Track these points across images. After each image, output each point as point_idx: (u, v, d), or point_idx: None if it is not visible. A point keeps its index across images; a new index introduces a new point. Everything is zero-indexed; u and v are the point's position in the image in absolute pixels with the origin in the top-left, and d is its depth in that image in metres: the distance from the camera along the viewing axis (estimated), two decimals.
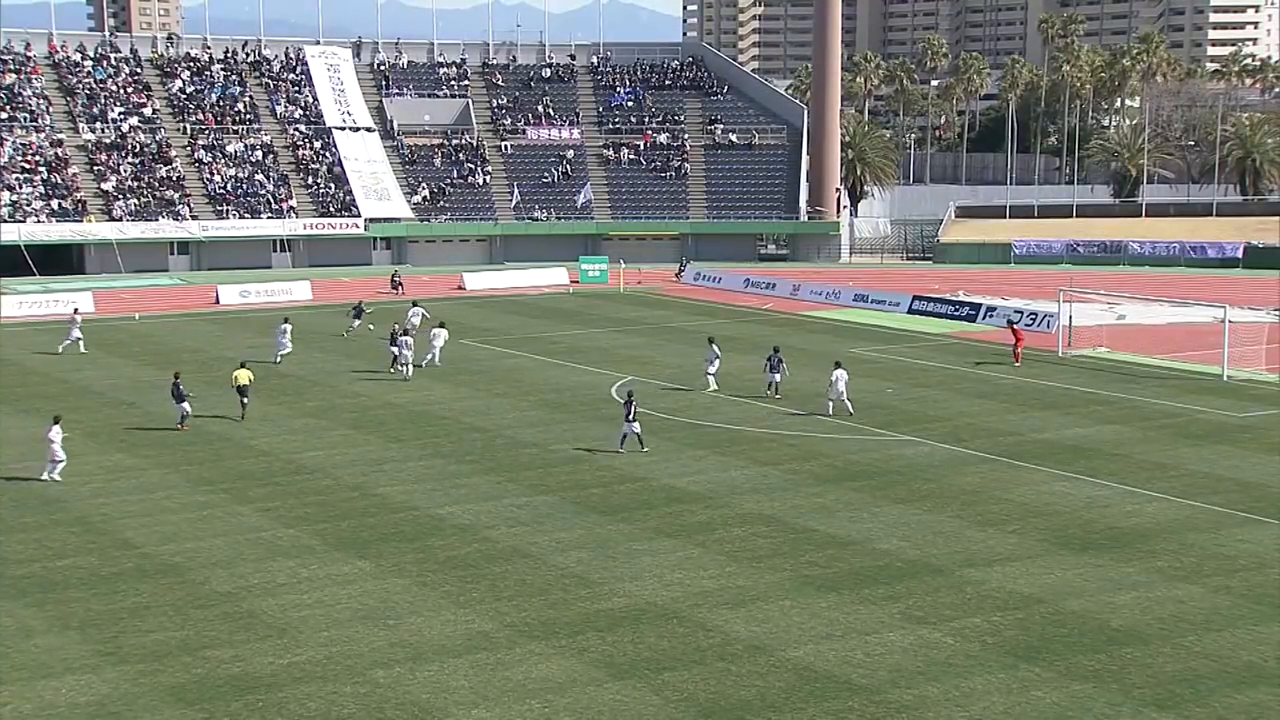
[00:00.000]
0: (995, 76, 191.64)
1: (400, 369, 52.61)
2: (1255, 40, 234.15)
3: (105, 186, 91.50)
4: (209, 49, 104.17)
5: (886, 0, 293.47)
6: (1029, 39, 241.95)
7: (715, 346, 50.56)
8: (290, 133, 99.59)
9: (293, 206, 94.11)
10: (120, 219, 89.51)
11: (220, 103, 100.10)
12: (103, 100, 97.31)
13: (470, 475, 38.05)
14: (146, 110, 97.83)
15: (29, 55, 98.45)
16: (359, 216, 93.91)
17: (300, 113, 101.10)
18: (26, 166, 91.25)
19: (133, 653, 25.32)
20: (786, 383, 48.79)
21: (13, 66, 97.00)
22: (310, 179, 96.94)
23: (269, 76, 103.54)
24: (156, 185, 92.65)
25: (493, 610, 27.44)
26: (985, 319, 67.17)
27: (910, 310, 71.59)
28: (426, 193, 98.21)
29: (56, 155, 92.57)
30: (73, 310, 63.12)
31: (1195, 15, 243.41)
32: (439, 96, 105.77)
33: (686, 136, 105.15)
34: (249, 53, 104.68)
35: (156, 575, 29.59)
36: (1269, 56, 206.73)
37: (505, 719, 22.72)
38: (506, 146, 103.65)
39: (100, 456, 39.45)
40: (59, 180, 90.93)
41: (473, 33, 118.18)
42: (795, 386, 49.09)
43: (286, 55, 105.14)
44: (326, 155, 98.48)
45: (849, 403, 45.37)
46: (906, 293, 74.38)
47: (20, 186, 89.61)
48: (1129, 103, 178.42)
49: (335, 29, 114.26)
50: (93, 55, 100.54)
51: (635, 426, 40.15)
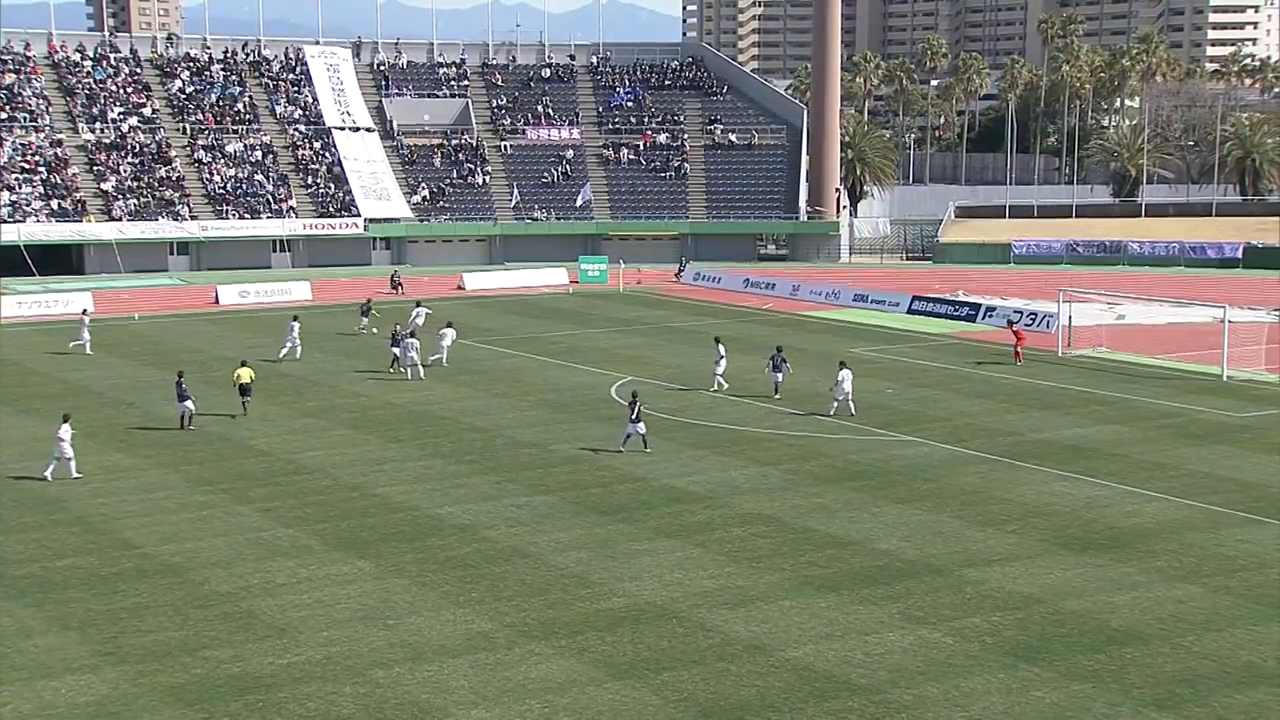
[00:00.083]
0: (995, 77, 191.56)
1: (403, 370, 52.58)
2: (1255, 40, 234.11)
3: (105, 187, 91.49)
4: (208, 49, 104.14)
5: (886, 0, 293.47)
6: (1028, 39, 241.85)
7: (722, 346, 50.59)
8: (290, 133, 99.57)
9: (292, 206, 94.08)
10: (120, 219, 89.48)
11: (220, 103, 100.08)
12: (102, 100, 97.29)
13: (470, 475, 38.06)
14: (146, 110, 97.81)
15: (29, 55, 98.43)
16: (358, 216, 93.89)
17: (300, 113, 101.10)
18: (26, 166, 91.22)
19: (132, 653, 25.33)
20: (786, 382, 48.78)
21: (12, 66, 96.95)
22: (310, 179, 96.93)
23: (268, 76, 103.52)
24: (156, 185, 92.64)
25: (492, 610, 27.45)
26: (985, 319, 67.19)
27: (910, 310, 71.60)
28: (426, 193, 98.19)
29: (56, 155, 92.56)
30: (81, 311, 62.97)
31: (1195, 15, 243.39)
32: (439, 96, 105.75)
33: (686, 136, 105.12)
34: (248, 53, 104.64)
35: (156, 575, 29.61)
36: (1268, 56, 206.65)
37: (505, 719, 22.74)
38: (506, 146, 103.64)
39: (100, 456, 39.44)
40: (58, 180, 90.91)
41: (472, 33, 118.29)
42: (795, 386, 49.07)
43: (286, 55, 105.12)
44: (326, 155, 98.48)
45: (852, 403, 45.40)
46: (906, 293, 74.38)
47: (20, 187, 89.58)
48: (1128, 103, 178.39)
49: (335, 29, 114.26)
50: (92, 55, 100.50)
51: (640, 427, 40.18)
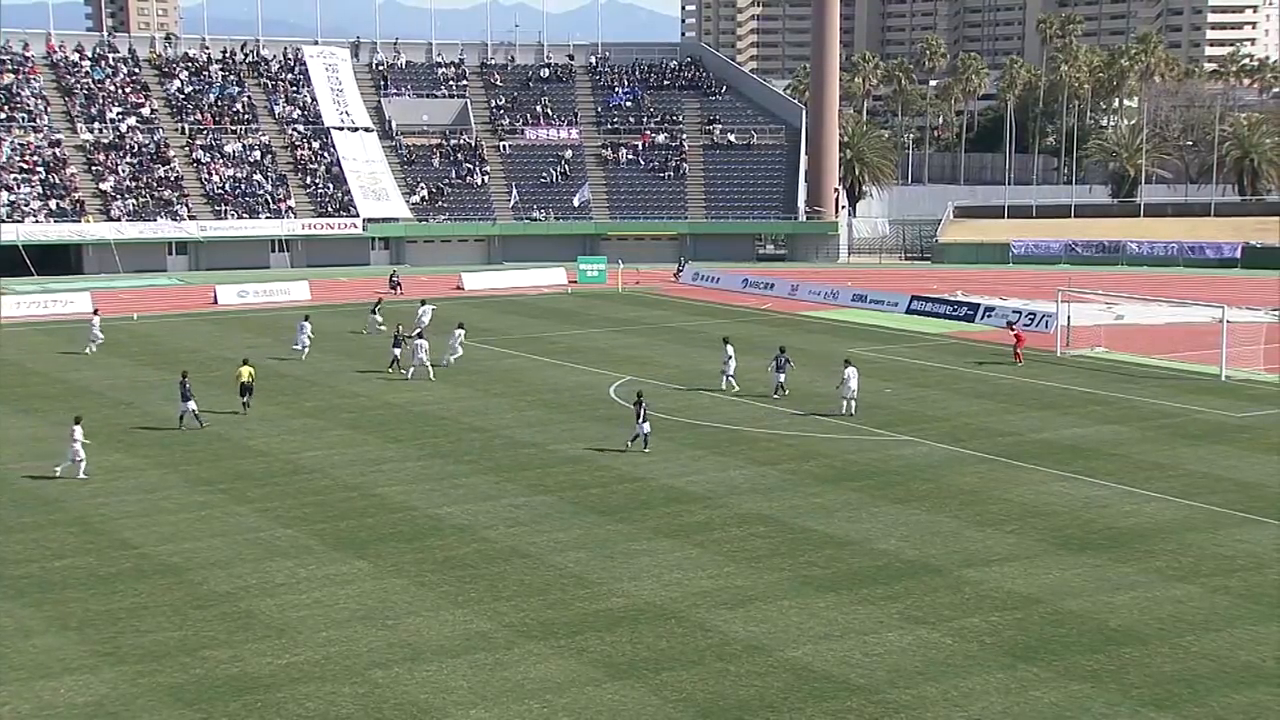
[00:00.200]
0: (993, 77, 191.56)
1: (402, 371, 52.60)
2: (1253, 40, 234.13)
3: (103, 186, 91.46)
4: (207, 49, 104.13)
5: (885, 0, 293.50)
6: (1027, 39, 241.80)
7: (730, 347, 50.57)
8: (288, 133, 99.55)
9: (291, 206, 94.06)
10: (118, 219, 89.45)
11: (218, 103, 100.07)
12: (101, 100, 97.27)
13: (468, 475, 38.06)
14: (145, 110, 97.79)
15: (27, 55, 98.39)
16: (357, 216, 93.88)
17: (298, 113, 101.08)
18: (24, 166, 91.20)
19: (131, 653, 25.32)
20: (785, 383, 48.75)
21: (11, 66, 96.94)
22: (308, 179, 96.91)
23: (267, 76, 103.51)
24: (155, 185, 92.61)
25: (491, 610, 27.45)
26: (983, 319, 67.21)
27: (909, 310, 71.61)
28: (425, 193, 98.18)
29: (54, 155, 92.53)
30: (93, 311, 62.68)
31: (1193, 15, 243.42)
32: (437, 97, 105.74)
33: (685, 136, 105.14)
34: (247, 53, 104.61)
35: (155, 575, 29.60)
36: (1267, 56, 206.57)
37: (503, 719, 22.74)
38: (505, 146, 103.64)
39: (99, 456, 39.38)
40: (57, 180, 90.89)
41: (471, 33, 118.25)
42: (794, 386, 49.03)
43: (285, 55, 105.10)
44: (325, 155, 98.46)
45: (855, 401, 45.36)
46: (905, 293, 74.38)
47: (18, 187, 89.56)
48: (1127, 103, 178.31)
49: (333, 29, 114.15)
50: (91, 55, 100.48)
51: (645, 427, 40.28)
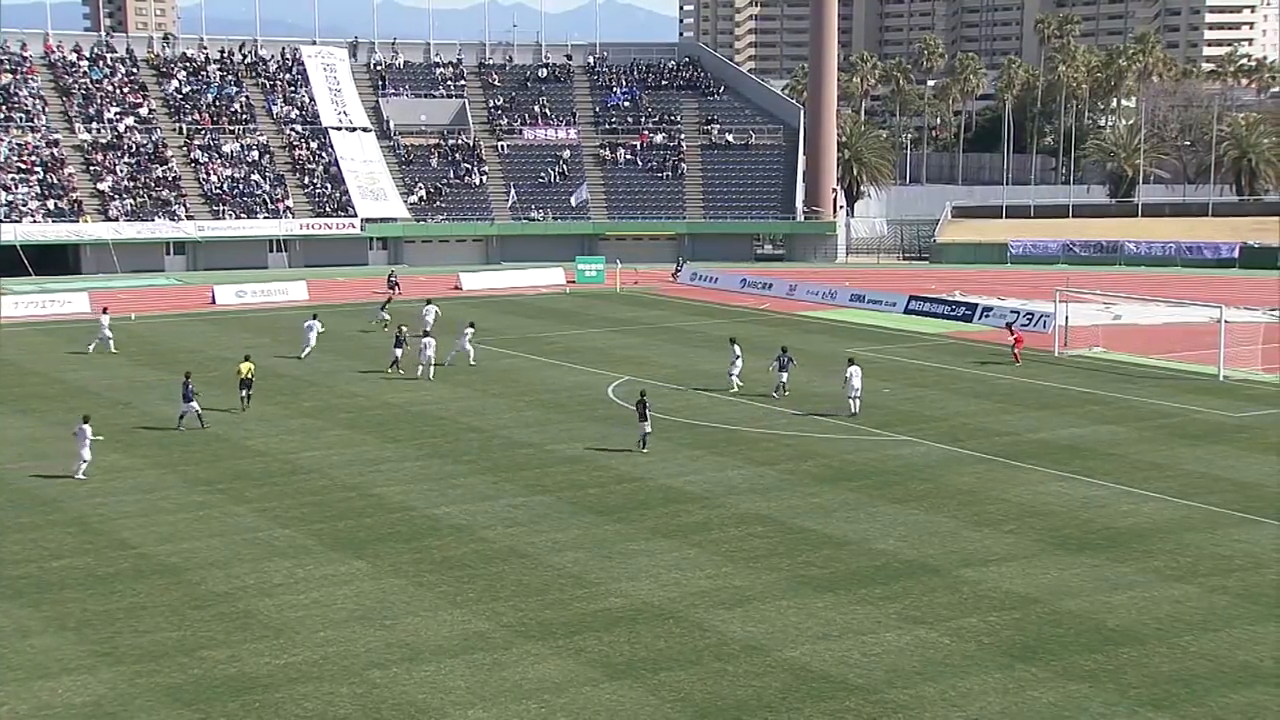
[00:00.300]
0: (991, 77, 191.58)
1: (401, 370, 52.59)
2: (1251, 40, 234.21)
3: (101, 187, 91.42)
4: (205, 49, 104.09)
5: (883, 0, 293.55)
6: (1025, 39, 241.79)
7: (736, 346, 50.59)
8: (286, 133, 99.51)
9: (289, 206, 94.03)
10: (116, 219, 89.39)
11: (216, 103, 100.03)
12: (99, 100, 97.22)
13: (467, 475, 38.06)
14: (142, 110, 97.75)
15: (25, 55, 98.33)
16: (355, 216, 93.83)
17: (296, 113, 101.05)
18: (22, 167, 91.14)
19: (129, 653, 25.31)
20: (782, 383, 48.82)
21: (8, 66, 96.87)
22: (306, 179, 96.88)
23: (265, 76, 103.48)
24: (152, 185, 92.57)
25: (489, 610, 27.45)
26: (981, 319, 67.23)
27: (907, 310, 71.62)
28: (423, 193, 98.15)
29: (52, 155, 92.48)
30: (101, 310, 62.37)
31: (1191, 15, 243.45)
32: (435, 96, 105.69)
33: (683, 136, 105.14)
34: (245, 53, 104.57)
35: (153, 576, 29.59)
36: (1265, 57, 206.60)
37: (502, 719, 22.74)
38: (503, 146, 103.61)
39: (97, 457, 39.29)
40: (55, 180, 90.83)
41: (469, 33, 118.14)
42: (792, 386, 48.98)
43: (283, 55, 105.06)
44: (323, 155, 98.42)
45: (854, 401, 45.35)
46: (903, 293, 74.40)
47: (16, 187, 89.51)
48: (1125, 103, 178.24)
49: (331, 29, 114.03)
50: (89, 55, 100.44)
51: (646, 426, 40.35)
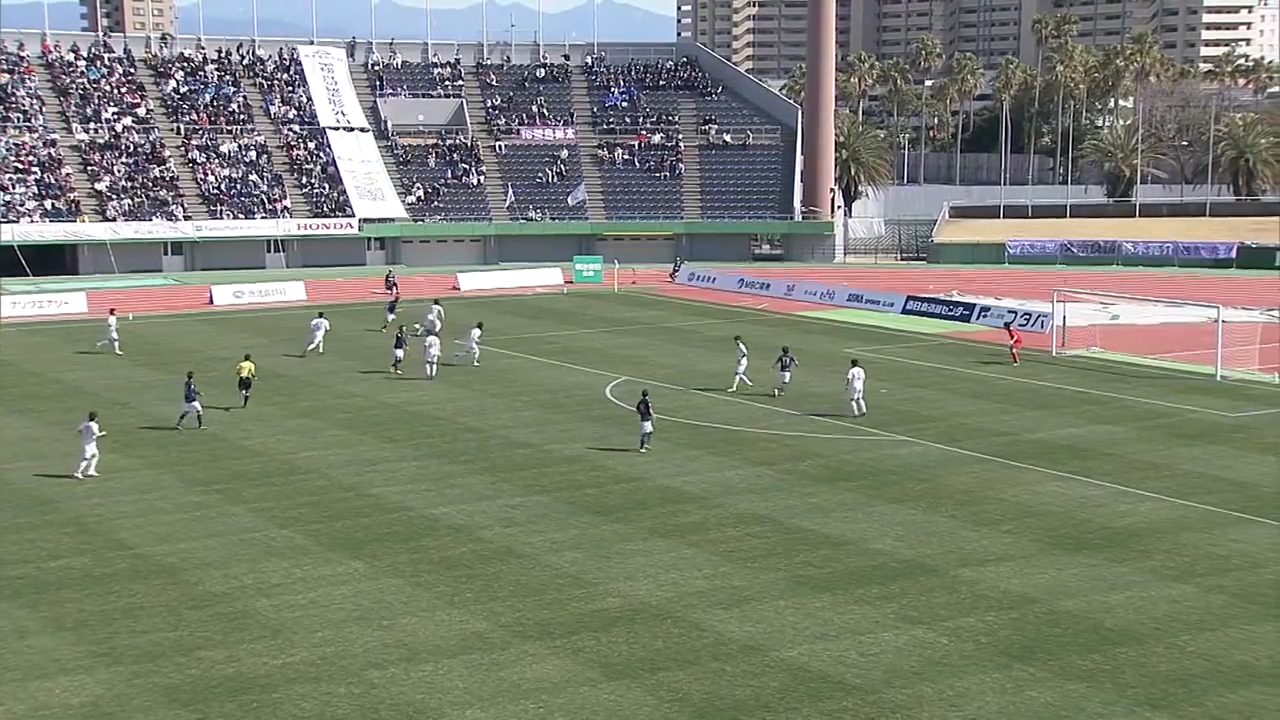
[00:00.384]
0: (989, 77, 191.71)
1: (399, 371, 52.62)
2: (1248, 40, 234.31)
3: (99, 187, 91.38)
4: (203, 49, 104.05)
5: (880, 0, 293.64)
6: (1023, 39, 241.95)
7: (742, 345, 50.62)
8: (284, 133, 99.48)
9: (287, 207, 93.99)
10: (114, 219, 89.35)
11: (214, 103, 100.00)
12: (96, 100, 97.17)
13: (464, 475, 38.05)
14: (140, 110, 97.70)
15: (23, 55, 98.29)
16: (353, 217, 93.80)
17: (294, 113, 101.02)
18: (20, 167, 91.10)
19: (126, 653, 25.30)
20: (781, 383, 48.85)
21: (6, 66, 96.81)
22: (304, 179, 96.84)
23: (263, 76, 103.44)
24: (150, 185, 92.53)
25: (487, 610, 27.45)
26: (979, 319, 67.25)
27: (905, 310, 71.63)
28: (421, 193, 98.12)
29: (50, 155, 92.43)
30: (109, 311, 62.18)
31: (1189, 15, 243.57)
32: (433, 97, 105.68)
33: (681, 137, 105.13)
34: (243, 53, 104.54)
35: (150, 576, 29.57)
36: (1262, 57, 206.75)
37: (500, 719, 22.74)
38: (501, 147, 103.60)
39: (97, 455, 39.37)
40: (52, 180, 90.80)
41: (467, 33, 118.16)
42: (791, 387, 49.00)
43: (280, 55, 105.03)
44: (320, 155, 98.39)
45: (854, 402, 45.38)
46: (901, 293, 74.41)
47: (13, 187, 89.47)
48: (1122, 103, 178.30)
49: (329, 29, 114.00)
50: (86, 55, 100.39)
51: (647, 426, 40.40)
